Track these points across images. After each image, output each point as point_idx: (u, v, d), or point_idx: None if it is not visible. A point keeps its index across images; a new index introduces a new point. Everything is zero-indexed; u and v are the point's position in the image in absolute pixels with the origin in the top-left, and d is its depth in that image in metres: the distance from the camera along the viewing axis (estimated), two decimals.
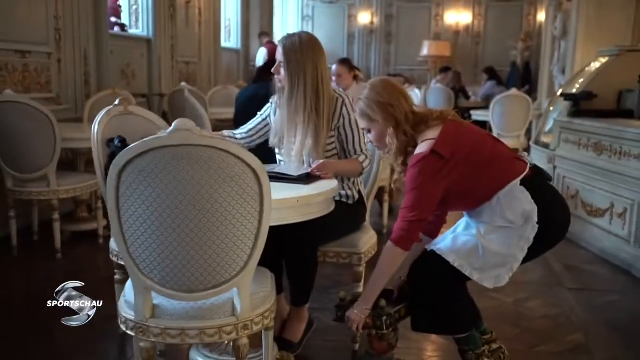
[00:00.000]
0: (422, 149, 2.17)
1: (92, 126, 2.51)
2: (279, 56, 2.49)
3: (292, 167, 2.49)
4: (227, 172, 1.68)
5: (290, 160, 2.57)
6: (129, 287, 1.95)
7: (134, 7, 6.62)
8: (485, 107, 8.42)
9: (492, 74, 9.71)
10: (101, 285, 3.01)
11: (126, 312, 1.88)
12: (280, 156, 2.64)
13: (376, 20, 13.20)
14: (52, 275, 3.56)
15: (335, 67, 5.18)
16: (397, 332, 2.37)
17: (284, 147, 2.59)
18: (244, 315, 1.85)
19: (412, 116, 2.24)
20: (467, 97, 9.73)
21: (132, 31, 6.63)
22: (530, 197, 2.14)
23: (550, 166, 4.85)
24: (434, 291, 2.23)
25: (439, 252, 2.21)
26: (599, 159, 4.25)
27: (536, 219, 2.12)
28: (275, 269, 2.24)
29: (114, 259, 2.53)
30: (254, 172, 1.71)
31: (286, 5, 13.36)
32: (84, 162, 4.49)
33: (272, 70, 2.55)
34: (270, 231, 1.81)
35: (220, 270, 1.77)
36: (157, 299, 1.85)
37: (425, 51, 12.40)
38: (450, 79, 9.63)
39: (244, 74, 9.78)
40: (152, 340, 1.84)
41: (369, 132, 2.33)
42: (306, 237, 2.35)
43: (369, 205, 2.81)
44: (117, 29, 6.23)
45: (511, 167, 2.21)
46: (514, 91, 7.11)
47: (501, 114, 6.80)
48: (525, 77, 11.13)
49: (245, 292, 1.84)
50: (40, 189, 3.77)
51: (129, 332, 1.87)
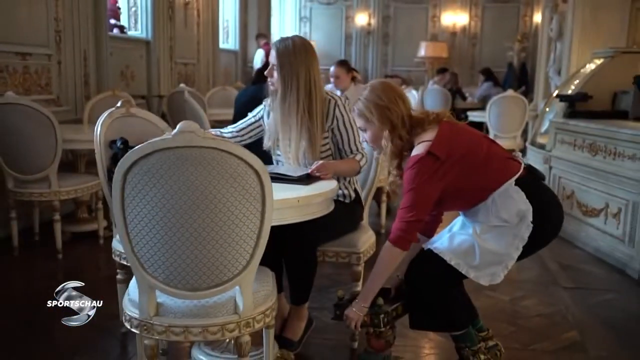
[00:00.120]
0: (418, 150, 2.20)
1: (95, 128, 2.55)
2: (272, 59, 2.53)
3: (292, 168, 2.53)
4: (230, 172, 1.72)
5: (288, 161, 2.61)
6: (133, 285, 1.99)
7: (133, 9, 6.65)
8: (481, 108, 8.44)
9: (488, 75, 9.74)
10: (102, 284, 3.05)
11: (130, 310, 1.92)
12: (278, 157, 2.67)
13: (373, 21, 13.25)
14: (53, 275, 3.60)
15: (333, 68, 5.23)
16: (395, 329, 2.40)
17: (280, 149, 2.63)
18: (246, 313, 1.89)
19: (409, 120, 2.28)
20: (464, 98, 9.76)
21: (131, 33, 6.65)
22: (525, 197, 2.18)
23: (546, 167, 4.88)
24: (432, 289, 2.27)
25: (435, 251, 2.26)
26: (594, 160, 4.29)
27: (531, 219, 2.17)
28: (275, 268, 2.27)
29: (116, 259, 2.56)
30: (256, 172, 1.75)
31: (284, 6, 13.40)
32: (84, 163, 4.51)
33: (265, 73, 2.59)
34: (270, 231, 1.85)
35: (223, 269, 1.81)
36: (161, 297, 1.88)
37: (422, 52, 12.46)
38: (447, 80, 9.65)
39: (242, 75, 9.81)
40: (156, 337, 1.88)
41: (365, 131, 2.37)
42: (306, 237, 2.39)
43: (367, 205, 2.85)
44: (116, 31, 6.25)
45: (506, 167, 2.25)
46: (510, 92, 7.14)
47: (498, 115, 6.83)
48: (521, 78, 11.19)
49: (247, 290, 1.87)
50: (41, 190, 3.79)
51: (134, 329, 1.91)
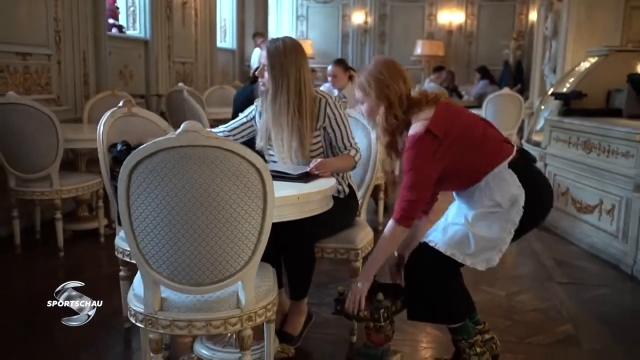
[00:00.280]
0: (416, 128, 2.22)
1: (97, 127, 2.59)
2: (263, 60, 2.57)
3: (290, 167, 2.57)
4: (233, 171, 1.76)
5: (282, 160, 2.64)
6: (137, 281, 2.03)
7: (131, 9, 6.67)
8: (478, 106, 8.48)
9: (484, 73, 9.79)
10: (103, 282, 3.10)
11: (135, 305, 1.96)
12: (271, 157, 2.70)
13: (370, 19, 13.29)
14: (55, 273, 3.64)
15: (330, 67, 5.27)
16: (394, 324, 2.45)
17: (274, 149, 2.66)
18: (248, 307, 1.93)
19: (407, 100, 2.29)
20: (460, 96, 9.80)
21: (130, 32, 6.68)
22: (517, 180, 2.23)
23: (541, 164, 4.92)
24: (430, 281, 2.32)
25: (431, 244, 2.31)
26: (588, 157, 4.35)
27: (522, 204, 2.22)
28: (274, 264, 2.31)
29: (119, 256, 2.60)
30: (258, 171, 1.80)
31: (280, 5, 13.42)
32: (84, 162, 4.55)
33: (256, 73, 2.62)
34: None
35: (225, 264, 1.86)
36: (166, 292, 1.93)
37: (418, 50, 12.50)
38: (443, 79, 9.68)
39: (239, 73, 9.84)
40: (161, 331, 1.92)
41: (362, 104, 2.38)
42: (304, 233, 2.44)
43: (365, 203, 2.89)
44: (114, 31, 6.27)
45: (501, 149, 2.29)
46: (506, 90, 7.19)
47: (494, 113, 6.87)
48: (517, 76, 11.24)
49: (249, 285, 1.92)
50: (43, 188, 3.83)
51: (139, 324, 1.95)
